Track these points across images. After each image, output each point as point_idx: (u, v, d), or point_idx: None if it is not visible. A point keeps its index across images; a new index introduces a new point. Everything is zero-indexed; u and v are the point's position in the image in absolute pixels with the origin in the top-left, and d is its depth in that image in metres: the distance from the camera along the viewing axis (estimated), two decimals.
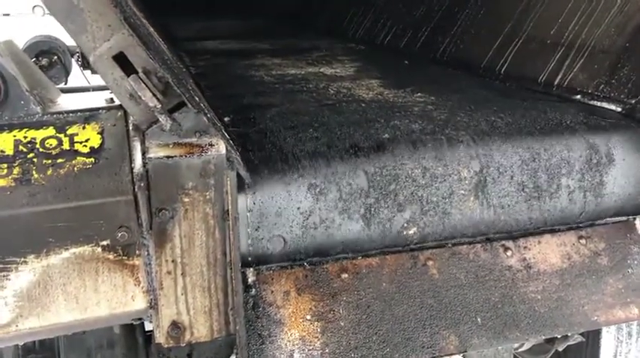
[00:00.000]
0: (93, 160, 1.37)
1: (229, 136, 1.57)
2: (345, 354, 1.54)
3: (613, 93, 2.18)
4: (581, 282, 1.80)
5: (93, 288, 1.40)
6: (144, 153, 1.37)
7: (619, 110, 2.13)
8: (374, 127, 1.90)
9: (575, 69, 2.38)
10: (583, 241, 1.89)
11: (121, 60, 1.25)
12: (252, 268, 1.61)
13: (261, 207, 1.59)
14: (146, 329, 2.01)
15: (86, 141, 1.39)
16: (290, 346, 1.53)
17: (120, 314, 1.45)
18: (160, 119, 1.28)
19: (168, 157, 1.37)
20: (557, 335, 1.89)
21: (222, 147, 1.40)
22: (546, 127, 1.96)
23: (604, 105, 2.20)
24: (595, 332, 2.43)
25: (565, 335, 2.13)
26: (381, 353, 1.57)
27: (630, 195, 1.96)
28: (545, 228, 1.90)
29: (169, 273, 1.44)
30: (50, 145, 1.37)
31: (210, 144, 1.40)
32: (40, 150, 1.37)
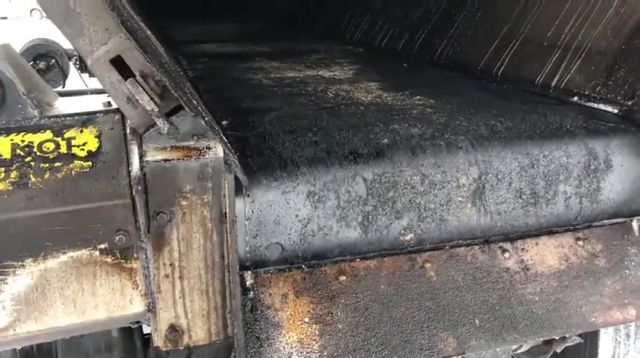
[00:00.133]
0: (90, 164, 1.37)
1: (227, 139, 1.57)
2: (344, 357, 1.54)
3: (610, 95, 2.18)
4: (579, 284, 1.80)
5: (91, 292, 1.40)
6: (141, 157, 1.36)
7: (616, 112, 2.13)
8: (373, 132, 1.89)
9: (572, 71, 2.38)
10: (580, 243, 1.89)
11: (119, 63, 1.25)
12: (250, 271, 1.60)
13: (260, 216, 1.58)
14: (144, 333, 2.01)
15: (84, 145, 1.39)
16: (288, 349, 1.53)
17: (118, 318, 1.44)
18: (158, 122, 1.28)
19: (165, 160, 1.37)
20: (555, 337, 1.88)
21: (219, 151, 1.40)
22: (546, 131, 1.95)
23: (601, 106, 2.20)
24: (593, 333, 2.44)
25: (563, 336, 2.12)
26: (379, 356, 1.57)
27: (625, 200, 1.96)
28: (543, 230, 1.90)
29: (167, 276, 1.44)
30: (47, 149, 1.37)
31: (208, 147, 1.39)
32: (38, 153, 1.36)
